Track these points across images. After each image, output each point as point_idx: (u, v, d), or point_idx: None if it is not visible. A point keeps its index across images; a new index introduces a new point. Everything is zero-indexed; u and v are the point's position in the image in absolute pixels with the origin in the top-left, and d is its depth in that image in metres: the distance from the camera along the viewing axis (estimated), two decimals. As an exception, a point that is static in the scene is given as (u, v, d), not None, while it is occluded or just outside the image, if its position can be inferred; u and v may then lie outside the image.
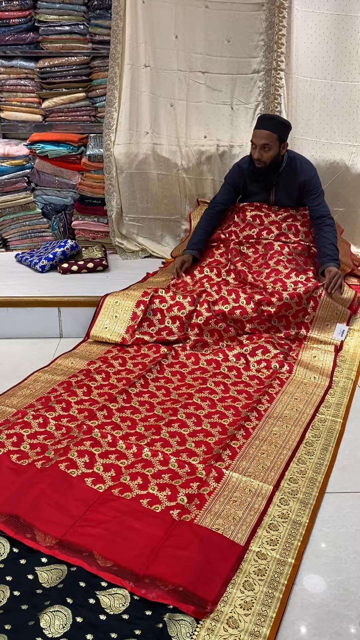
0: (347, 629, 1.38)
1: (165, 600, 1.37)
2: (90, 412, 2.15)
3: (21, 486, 1.71)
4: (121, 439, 1.97)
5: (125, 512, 1.63)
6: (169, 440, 1.99)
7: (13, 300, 2.89)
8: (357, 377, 2.49)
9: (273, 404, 2.25)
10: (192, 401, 2.26)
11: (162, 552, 1.50)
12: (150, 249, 3.55)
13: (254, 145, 2.84)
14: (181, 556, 1.48)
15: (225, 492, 1.75)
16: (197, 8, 3.13)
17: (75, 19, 3.27)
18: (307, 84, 3.27)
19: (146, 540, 1.54)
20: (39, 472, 1.77)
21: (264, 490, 1.76)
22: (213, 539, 1.56)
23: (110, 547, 1.51)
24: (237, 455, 1.92)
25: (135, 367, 2.50)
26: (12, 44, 3.33)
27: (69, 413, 2.14)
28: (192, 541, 1.54)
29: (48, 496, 1.67)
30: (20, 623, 1.32)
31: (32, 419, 2.06)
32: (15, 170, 3.46)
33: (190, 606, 1.36)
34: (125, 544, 1.52)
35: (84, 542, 1.52)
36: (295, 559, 1.54)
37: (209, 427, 2.09)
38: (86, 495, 1.70)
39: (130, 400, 2.25)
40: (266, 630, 1.34)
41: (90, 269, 3.26)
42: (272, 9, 3.12)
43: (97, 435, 1.98)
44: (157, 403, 2.25)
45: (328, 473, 1.89)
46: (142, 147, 3.34)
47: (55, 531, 1.56)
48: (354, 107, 3.29)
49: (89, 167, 3.43)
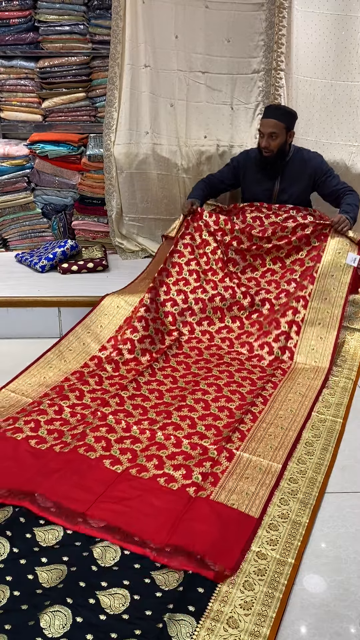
0: (347, 629, 1.38)
1: (186, 567, 1.48)
2: (103, 400, 2.23)
3: (42, 468, 1.79)
4: (134, 424, 2.08)
5: (143, 490, 1.73)
6: (180, 424, 2.09)
7: (13, 300, 2.89)
8: (357, 377, 2.49)
9: (277, 389, 2.36)
10: (199, 387, 2.34)
11: (182, 525, 1.60)
12: (150, 249, 3.55)
13: (262, 134, 2.91)
14: (200, 528, 1.59)
15: (237, 470, 1.85)
16: (197, 8, 3.13)
17: (75, 19, 3.27)
18: (307, 84, 3.27)
19: (166, 515, 1.64)
20: (58, 455, 1.86)
21: (273, 468, 1.87)
22: (229, 513, 1.66)
23: (132, 522, 1.61)
24: (246, 437, 2.03)
25: (143, 356, 2.58)
26: (12, 44, 3.33)
27: (82, 402, 2.22)
28: (210, 515, 1.64)
29: (69, 477, 1.75)
30: (20, 623, 1.32)
31: (47, 407, 2.15)
32: (15, 170, 3.46)
33: (210, 572, 1.47)
34: (146, 519, 1.62)
35: (107, 517, 1.62)
36: (295, 559, 1.54)
37: (217, 412, 2.19)
38: (105, 475, 1.79)
39: (139, 388, 2.34)
40: (266, 630, 1.34)
41: (90, 269, 3.26)
42: (272, 9, 3.12)
43: (112, 421, 2.08)
44: (165, 390, 2.35)
45: (328, 473, 1.89)
46: (142, 147, 3.34)
47: (79, 507, 1.65)
48: (354, 107, 3.29)
49: (89, 167, 3.43)
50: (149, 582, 1.45)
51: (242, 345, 2.73)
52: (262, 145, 2.92)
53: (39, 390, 2.30)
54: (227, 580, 1.46)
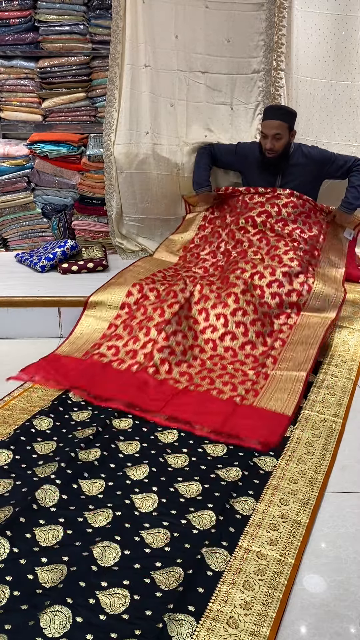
0: (347, 629, 1.38)
1: (243, 444, 1.99)
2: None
3: (126, 381, 2.32)
4: (189, 348, 2.59)
5: (200, 398, 2.24)
6: (224, 355, 2.57)
7: (13, 300, 2.89)
8: (357, 377, 2.49)
9: (300, 317, 2.70)
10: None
11: (232, 420, 2.10)
12: (150, 249, 3.54)
13: (265, 135, 2.92)
14: (247, 422, 2.08)
15: (272, 384, 2.32)
16: (197, 8, 3.13)
17: (75, 19, 3.27)
18: (307, 84, 3.27)
19: (219, 414, 2.13)
20: (135, 374, 2.36)
21: (300, 377, 2.33)
22: (268, 413, 2.14)
23: (194, 416, 2.12)
24: (278, 360, 2.49)
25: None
26: (12, 44, 3.33)
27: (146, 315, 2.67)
28: (253, 415, 2.14)
29: (145, 391, 2.27)
30: (20, 623, 1.32)
31: (122, 330, 2.63)
32: (15, 170, 3.46)
33: (257, 445, 1.97)
34: (204, 415, 2.13)
35: (175, 413, 2.15)
36: (295, 559, 1.54)
37: (254, 337, 2.63)
38: (170, 389, 2.31)
39: (191, 309, 2.73)
40: (266, 630, 1.34)
41: (90, 269, 3.26)
42: (272, 9, 3.12)
43: (173, 343, 2.53)
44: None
45: (328, 473, 1.90)
46: (142, 147, 3.34)
47: (154, 407, 2.18)
48: (354, 107, 3.29)
49: (89, 167, 3.43)
50: (149, 582, 1.45)
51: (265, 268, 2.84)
52: (267, 147, 2.94)
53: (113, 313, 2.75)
54: (227, 580, 1.46)
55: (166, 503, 1.73)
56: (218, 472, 1.87)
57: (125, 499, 1.74)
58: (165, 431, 2.08)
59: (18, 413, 2.17)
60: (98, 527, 1.63)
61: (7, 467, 1.85)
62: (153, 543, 1.58)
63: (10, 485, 1.77)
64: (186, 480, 1.84)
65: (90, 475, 1.83)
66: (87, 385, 2.32)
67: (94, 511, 1.69)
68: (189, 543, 1.58)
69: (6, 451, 1.91)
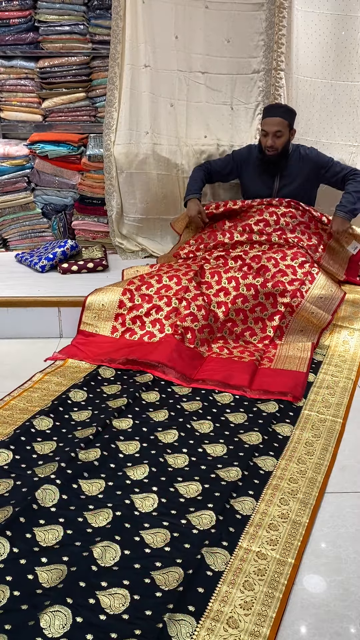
0: (347, 629, 1.38)
1: (271, 397, 2.30)
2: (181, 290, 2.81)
3: (155, 348, 2.57)
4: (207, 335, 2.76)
5: (225, 362, 2.55)
6: (235, 320, 2.78)
7: (13, 300, 2.89)
8: (357, 377, 2.49)
9: (308, 293, 2.80)
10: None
11: (257, 379, 2.43)
12: (150, 249, 3.55)
13: (266, 133, 2.92)
14: (271, 380, 2.41)
15: (282, 353, 2.63)
16: (197, 8, 3.13)
17: (75, 19, 3.27)
18: (307, 84, 3.27)
19: (245, 373, 2.43)
20: (161, 342, 2.62)
21: (307, 346, 2.66)
22: (286, 372, 2.47)
23: (224, 377, 2.42)
24: (284, 334, 2.75)
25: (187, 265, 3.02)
26: (12, 44, 3.33)
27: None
28: (273, 374, 2.46)
29: (175, 358, 2.51)
30: (20, 623, 1.32)
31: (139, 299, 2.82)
32: (15, 170, 3.46)
33: (290, 397, 2.29)
34: (234, 374, 2.43)
35: (209, 376, 2.44)
36: (295, 559, 1.54)
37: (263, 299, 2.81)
38: (197, 354, 2.61)
39: (204, 275, 2.91)
40: (266, 630, 1.34)
41: (90, 269, 3.26)
42: (272, 9, 3.12)
43: (194, 308, 2.74)
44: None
45: (328, 473, 1.90)
46: (142, 147, 3.34)
47: (189, 373, 2.47)
48: (354, 107, 3.29)
49: (89, 167, 3.43)
50: (149, 582, 1.45)
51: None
52: (267, 144, 2.94)
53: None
54: (227, 580, 1.46)
55: (166, 503, 1.74)
56: (218, 472, 1.88)
57: (125, 499, 1.74)
58: (166, 431, 2.09)
59: (18, 413, 2.18)
60: (98, 527, 1.63)
61: (7, 467, 1.85)
62: (153, 543, 1.58)
63: (10, 485, 1.77)
64: (186, 480, 1.84)
65: (90, 475, 1.84)
66: (127, 355, 2.56)
67: (94, 511, 1.69)
68: (189, 543, 1.58)
69: (6, 451, 1.91)
